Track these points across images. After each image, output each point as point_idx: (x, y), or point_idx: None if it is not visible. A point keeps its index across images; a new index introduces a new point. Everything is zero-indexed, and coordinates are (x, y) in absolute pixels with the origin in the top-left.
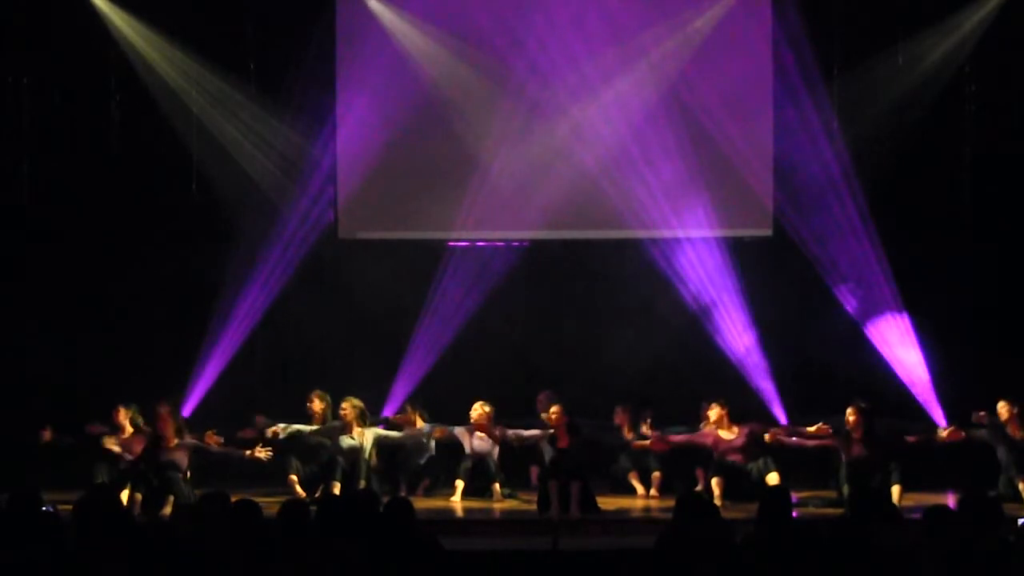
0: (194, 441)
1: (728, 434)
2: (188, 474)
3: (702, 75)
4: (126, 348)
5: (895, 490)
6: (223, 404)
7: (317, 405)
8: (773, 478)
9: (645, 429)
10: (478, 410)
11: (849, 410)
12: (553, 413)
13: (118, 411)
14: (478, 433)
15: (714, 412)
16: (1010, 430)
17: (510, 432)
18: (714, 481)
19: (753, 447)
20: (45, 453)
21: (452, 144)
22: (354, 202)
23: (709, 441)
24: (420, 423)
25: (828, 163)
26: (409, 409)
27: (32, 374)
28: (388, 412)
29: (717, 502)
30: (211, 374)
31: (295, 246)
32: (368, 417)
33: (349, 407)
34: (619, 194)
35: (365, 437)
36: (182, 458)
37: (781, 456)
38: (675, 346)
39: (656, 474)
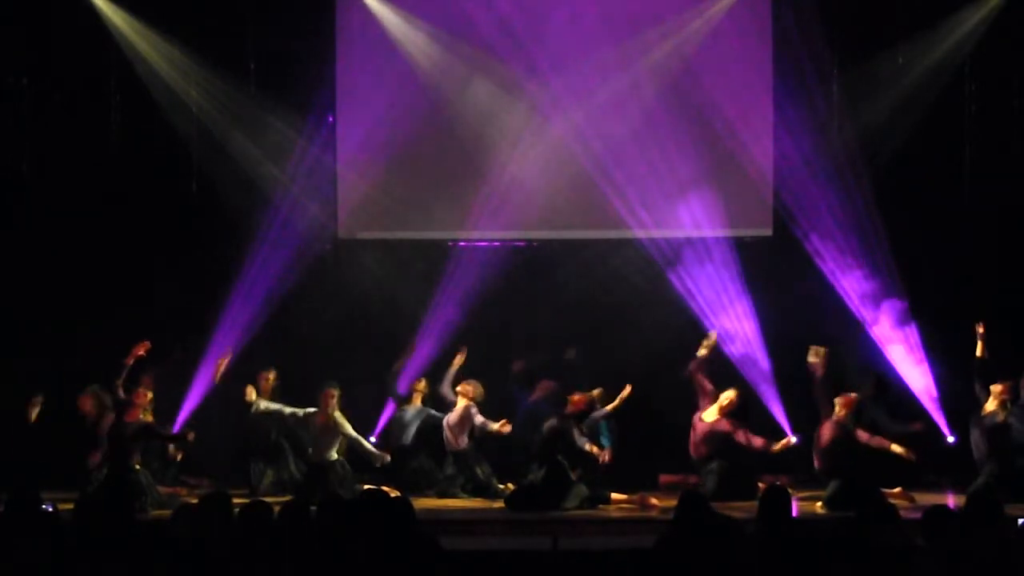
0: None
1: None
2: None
3: (702, 75)
4: (126, 348)
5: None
6: (222, 403)
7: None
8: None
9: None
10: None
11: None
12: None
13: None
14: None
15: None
16: None
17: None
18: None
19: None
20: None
21: (452, 144)
22: (354, 202)
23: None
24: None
25: (829, 162)
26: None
27: (32, 374)
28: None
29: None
30: (210, 373)
31: (295, 246)
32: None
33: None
34: (619, 194)
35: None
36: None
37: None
38: (675, 346)
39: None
